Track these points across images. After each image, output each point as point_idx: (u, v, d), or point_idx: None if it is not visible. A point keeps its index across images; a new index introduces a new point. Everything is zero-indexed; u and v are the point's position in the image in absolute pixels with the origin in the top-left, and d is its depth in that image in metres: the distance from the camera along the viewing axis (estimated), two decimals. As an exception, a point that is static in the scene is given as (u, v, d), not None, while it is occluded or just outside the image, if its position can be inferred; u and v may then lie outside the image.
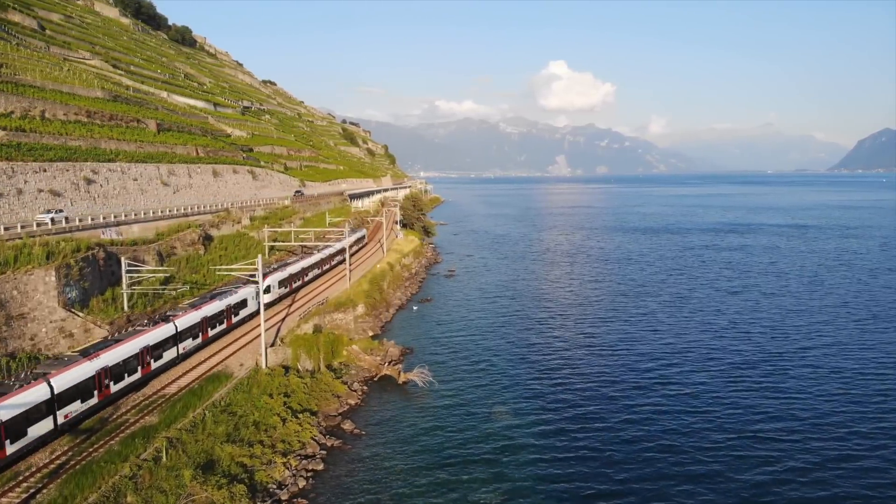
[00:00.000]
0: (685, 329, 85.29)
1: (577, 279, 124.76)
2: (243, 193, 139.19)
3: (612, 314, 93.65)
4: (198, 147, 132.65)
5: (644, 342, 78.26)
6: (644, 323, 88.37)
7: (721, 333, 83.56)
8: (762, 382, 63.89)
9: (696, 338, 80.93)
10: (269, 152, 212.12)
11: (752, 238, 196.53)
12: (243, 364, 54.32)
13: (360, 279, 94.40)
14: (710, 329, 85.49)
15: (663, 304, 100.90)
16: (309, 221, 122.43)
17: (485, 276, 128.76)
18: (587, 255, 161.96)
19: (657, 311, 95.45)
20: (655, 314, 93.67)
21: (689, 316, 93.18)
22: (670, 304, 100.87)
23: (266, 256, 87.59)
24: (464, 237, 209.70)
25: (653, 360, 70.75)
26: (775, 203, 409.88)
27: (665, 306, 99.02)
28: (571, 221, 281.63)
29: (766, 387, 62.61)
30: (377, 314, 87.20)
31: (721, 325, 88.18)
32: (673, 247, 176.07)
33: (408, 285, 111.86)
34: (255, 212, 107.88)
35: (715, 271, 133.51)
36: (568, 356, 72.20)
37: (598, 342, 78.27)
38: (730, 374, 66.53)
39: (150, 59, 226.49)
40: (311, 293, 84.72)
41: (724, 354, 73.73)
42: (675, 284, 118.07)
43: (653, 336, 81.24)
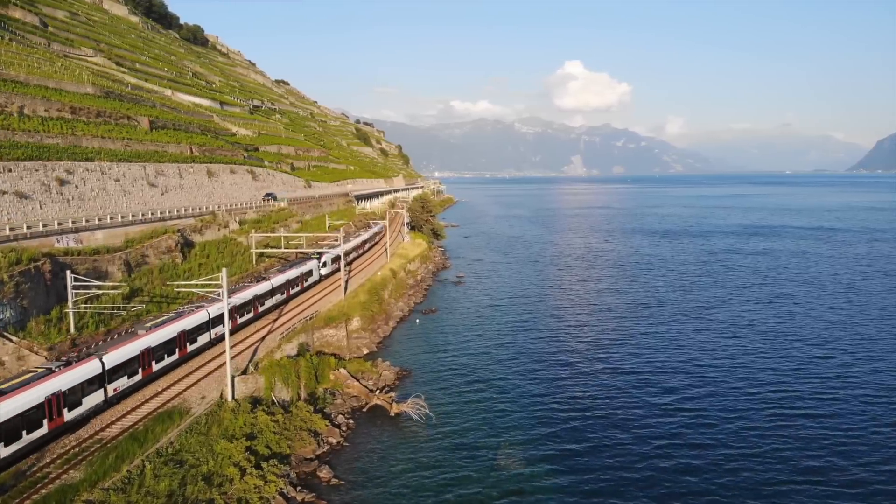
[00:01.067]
0: (713, 346, 76.68)
1: (594, 287, 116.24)
2: (242, 195, 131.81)
3: (634, 329, 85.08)
4: (193, 146, 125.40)
5: (670, 362, 69.74)
6: (669, 338, 79.80)
7: (753, 350, 74.94)
8: (806, 409, 55.37)
9: (726, 355, 72.40)
10: (275, 152, 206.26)
11: (778, 242, 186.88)
12: (205, 396, 46.42)
13: (358, 288, 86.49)
14: (741, 345, 76.85)
15: (688, 317, 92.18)
16: (308, 225, 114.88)
17: (495, 282, 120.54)
18: (604, 259, 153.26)
19: (682, 326, 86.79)
20: (681, 329, 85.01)
21: (717, 330, 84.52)
22: (696, 317, 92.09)
23: (253, 265, 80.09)
24: (475, 240, 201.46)
25: (681, 385, 62.29)
26: (798, 204, 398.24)
27: (690, 319, 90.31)
28: (587, 223, 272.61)
29: (811, 415, 54.14)
30: (375, 328, 79.34)
31: (753, 340, 79.50)
32: (695, 251, 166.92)
33: (412, 293, 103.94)
34: (246, 214, 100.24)
35: (742, 279, 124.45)
36: (586, 380, 63.84)
37: (620, 364, 69.79)
38: (768, 401, 58.06)
39: (157, 56, 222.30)
40: (301, 306, 76.68)
41: (759, 376, 65.25)
42: (700, 294, 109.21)
43: (679, 355, 72.69)
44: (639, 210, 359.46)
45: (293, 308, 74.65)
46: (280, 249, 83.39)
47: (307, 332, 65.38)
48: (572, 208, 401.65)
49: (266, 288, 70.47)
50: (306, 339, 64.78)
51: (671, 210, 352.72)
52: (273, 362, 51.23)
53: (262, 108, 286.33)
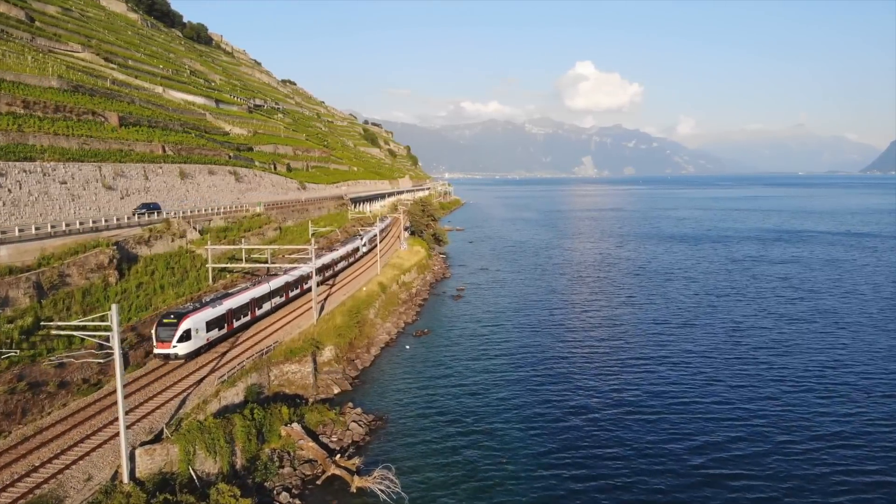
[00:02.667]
0: (747, 375, 64.24)
1: (608, 304, 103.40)
2: (222, 198, 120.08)
3: (658, 362, 72.15)
4: (166, 144, 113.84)
5: (704, 404, 57.22)
6: (700, 372, 67.14)
7: (795, 380, 62.78)
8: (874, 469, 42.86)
9: (764, 388, 59.91)
10: (271, 152, 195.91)
11: (806, 248, 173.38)
12: (92, 477, 34.33)
13: (336, 309, 74.27)
14: (780, 374, 64.42)
15: (718, 341, 79.24)
16: (288, 233, 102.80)
17: (498, 297, 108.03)
18: (618, 269, 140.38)
19: (712, 354, 73.96)
20: (710, 358, 72.18)
21: (751, 355, 72.02)
22: (726, 342, 79.10)
23: (209, 282, 68.14)
24: (480, 245, 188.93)
25: (721, 439, 49.84)
26: (817, 206, 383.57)
27: (720, 346, 77.40)
28: (599, 227, 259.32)
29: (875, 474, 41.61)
30: (353, 358, 67.21)
31: (793, 367, 67.23)
32: (717, 259, 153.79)
33: (403, 311, 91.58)
34: (211, 221, 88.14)
35: (773, 292, 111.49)
36: (604, 436, 51.33)
37: (644, 413, 57.20)
38: (817, 443, 45.63)
39: (153, 54, 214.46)
40: (261, 334, 64.26)
41: (805, 410, 52.94)
42: (728, 312, 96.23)
43: (712, 394, 60.12)
44: (652, 213, 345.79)
45: (249, 338, 62.43)
46: (241, 264, 71.30)
47: (261, 369, 53.23)
48: (583, 210, 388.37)
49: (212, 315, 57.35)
50: (259, 379, 52.62)
51: (686, 213, 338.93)
52: (193, 425, 38.98)
53: (265, 107, 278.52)
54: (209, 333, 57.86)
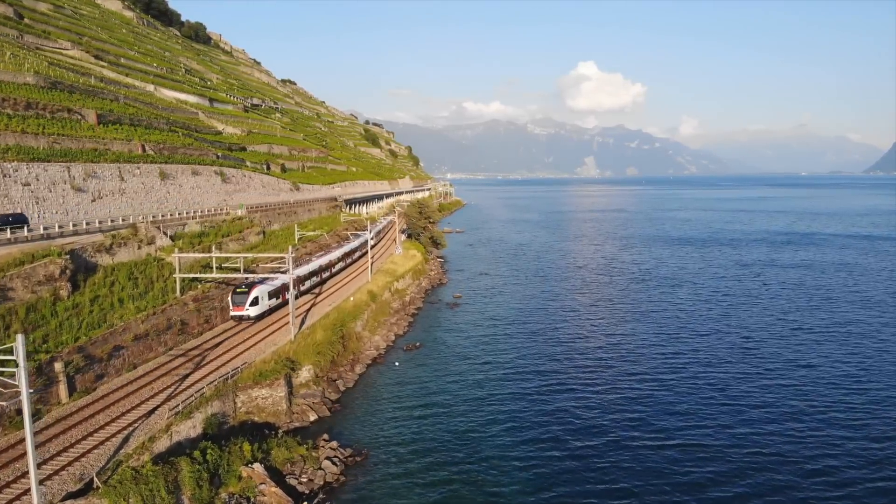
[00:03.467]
0: (766, 393, 58.16)
1: (614, 313, 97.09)
2: (206, 199, 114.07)
3: (665, 375, 66.07)
4: (147, 143, 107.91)
5: (718, 419, 51.07)
6: (711, 384, 61.09)
7: (817, 396, 56.83)
8: None
9: (785, 406, 53.78)
10: (265, 152, 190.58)
11: (817, 252, 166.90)
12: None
13: (318, 322, 68.15)
14: (801, 391, 58.38)
15: (730, 351, 73.11)
16: (273, 237, 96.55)
17: (497, 304, 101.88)
18: (623, 274, 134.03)
19: (724, 365, 67.95)
20: (723, 370, 66.16)
21: (768, 370, 65.96)
22: (740, 351, 73.02)
23: (176, 294, 62.02)
24: (479, 248, 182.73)
25: (733, 451, 43.71)
26: (824, 208, 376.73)
27: (733, 355, 71.33)
28: (601, 229, 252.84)
29: None
30: (335, 378, 61.05)
31: (814, 383, 61.42)
32: (725, 263, 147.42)
33: (395, 321, 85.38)
34: (185, 226, 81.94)
35: (786, 299, 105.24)
36: (613, 472, 45.25)
37: (651, 435, 51.10)
38: (842, 466, 39.54)
39: (148, 52, 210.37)
40: (229, 354, 58.10)
41: (830, 431, 46.71)
42: (740, 320, 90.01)
43: (726, 409, 54.01)
44: (656, 214, 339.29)
45: (216, 358, 56.27)
46: (210, 275, 65.07)
47: (224, 396, 47.16)
48: (585, 211, 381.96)
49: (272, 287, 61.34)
50: (223, 407, 46.55)
51: (691, 214, 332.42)
52: (127, 473, 32.89)
53: (262, 106, 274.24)
54: (270, 301, 72.44)
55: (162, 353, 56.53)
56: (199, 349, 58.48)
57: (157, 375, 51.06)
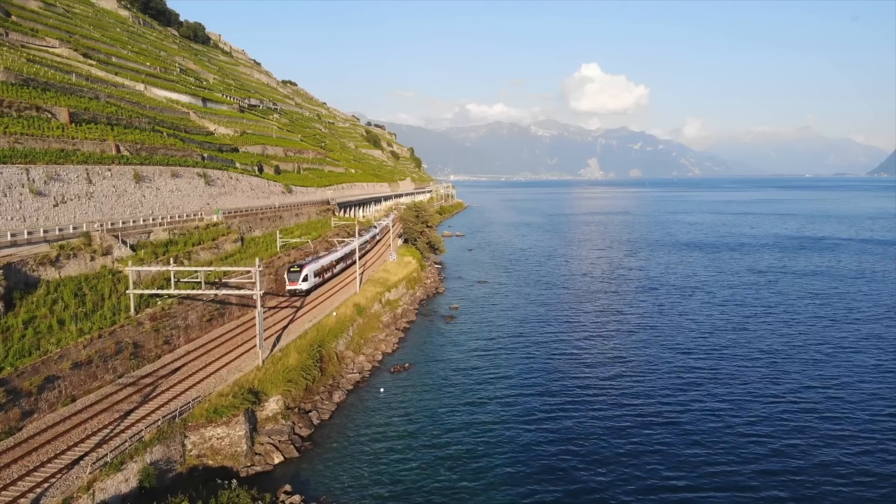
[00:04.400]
0: (794, 421, 50.81)
1: (621, 327, 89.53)
2: (188, 203, 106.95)
3: (680, 399, 58.80)
4: (122, 143, 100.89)
5: (738, 453, 43.78)
6: (731, 411, 53.71)
7: (851, 424, 49.24)
8: None
9: (815, 436, 46.44)
10: (259, 153, 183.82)
11: (832, 258, 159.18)
12: None
13: (293, 343, 60.79)
14: (831, 417, 50.89)
15: (750, 371, 65.67)
16: (254, 244, 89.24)
17: (496, 317, 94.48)
18: (630, 282, 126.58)
19: (744, 386, 60.58)
20: (744, 393, 58.79)
21: (795, 394, 58.51)
22: (761, 371, 65.59)
23: (130, 312, 54.68)
24: (479, 253, 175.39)
25: None
26: (833, 210, 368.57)
27: (753, 376, 63.88)
28: (606, 232, 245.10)
29: None
30: (308, 408, 53.74)
31: (847, 409, 53.91)
32: (737, 270, 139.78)
33: (383, 337, 78.05)
34: (151, 233, 74.63)
35: (805, 310, 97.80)
36: None
37: (670, 468, 43.88)
38: None
39: (142, 51, 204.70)
40: (182, 385, 50.75)
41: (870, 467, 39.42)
42: (758, 334, 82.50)
43: (748, 440, 46.70)
44: (662, 217, 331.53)
45: (170, 388, 48.97)
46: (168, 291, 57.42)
47: (170, 438, 39.99)
48: (589, 214, 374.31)
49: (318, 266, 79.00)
50: (167, 452, 39.37)
51: (698, 217, 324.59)
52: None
53: (260, 107, 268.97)
54: (315, 279, 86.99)
55: (109, 382, 49.34)
56: (153, 376, 51.27)
57: (97, 411, 43.89)
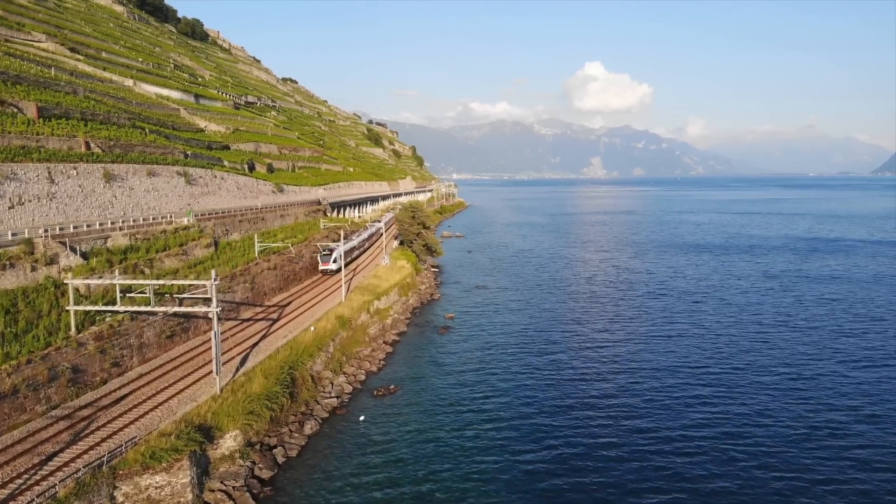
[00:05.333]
0: (823, 447, 43.67)
1: (629, 338, 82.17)
2: (165, 204, 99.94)
3: (699, 425, 51.63)
4: (91, 139, 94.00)
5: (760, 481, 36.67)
6: (752, 435, 46.60)
7: None
8: None
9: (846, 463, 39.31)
10: (252, 150, 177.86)
11: (848, 261, 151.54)
12: None
13: (260, 365, 53.56)
14: (869, 444, 43.82)
15: (773, 390, 58.46)
16: (228, 249, 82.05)
17: (495, 327, 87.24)
18: (638, 287, 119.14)
19: (767, 405, 53.42)
20: (765, 414, 51.62)
21: (824, 415, 51.29)
22: (783, 389, 58.37)
23: (72, 331, 47.63)
24: (479, 255, 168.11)
25: None
26: (841, 210, 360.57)
27: (779, 397, 56.66)
28: (611, 233, 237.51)
29: None
30: (273, 443, 46.58)
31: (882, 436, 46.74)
32: (749, 274, 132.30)
33: (368, 353, 70.80)
34: (108, 239, 67.46)
35: (827, 320, 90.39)
36: None
37: None
38: None
39: (135, 47, 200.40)
40: (129, 414, 43.53)
41: None
42: (778, 346, 75.29)
43: (772, 468, 39.63)
44: (667, 216, 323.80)
45: (109, 422, 41.95)
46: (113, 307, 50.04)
47: (95, 491, 32.92)
48: (593, 213, 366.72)
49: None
50: (86, 512, 32.32)
51: (704, 217, 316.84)
52: None
53: (258, 104, 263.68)
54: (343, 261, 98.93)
55: (41, 415, 42.36)
56: (93, 407, 44.20)
57: (15, 454, 36.85)
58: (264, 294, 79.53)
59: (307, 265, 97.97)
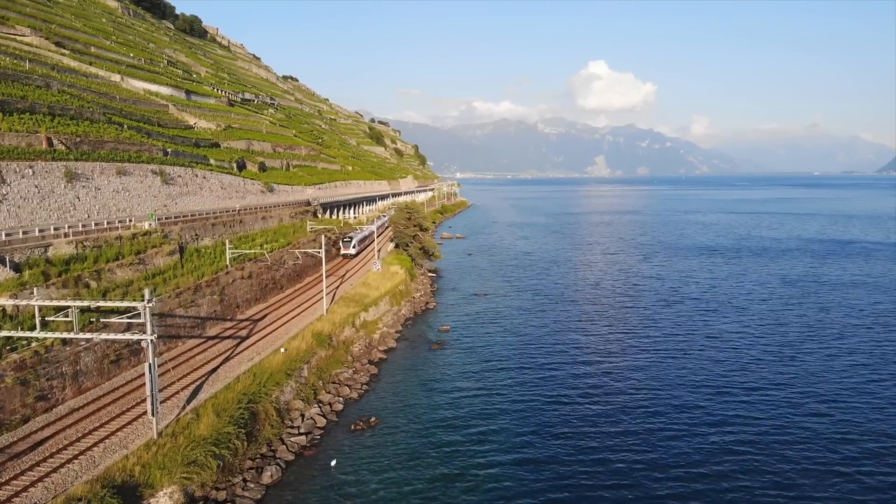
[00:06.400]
0: None
1: (640, 353, 73.89)
2: (138, 205, 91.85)
3: (719, 456, 43.63)
4: (56, 135, 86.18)
5: None
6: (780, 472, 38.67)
7: None
8: None
9: None
10: (244, 148, 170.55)
11: (869, 266, 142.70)
12: None
13: (212, 399, 45.63)
14: None
15: (805, 418, 50.47)
16: (196, 257, 74.01)
17: (494, 342, 78.84)
18: (647, 294, 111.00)
19: (801, 434, 45.44)
20: (796, 447, 43.62)
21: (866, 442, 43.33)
22: (821, 417, 50.26)
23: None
24: (479, 258, 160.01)
25: None
26: (853, 210, 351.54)
27: (810, 423, 48.68)
28: (616, 234, 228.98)
29: None
30: (223, 497, 38.63)
31: None
32: (767, 280, 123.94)
33: (350, 375, 62.59)
34: (50, 247, 59.41)
35: (856, 332, 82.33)
36: None
37: None
38: None
39: (127, 42, 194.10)
40: (43, 466, 35.30)
41: None
42: (807, 368, 67.15)
43: None
44: (674, 216, 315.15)
45: (7, 482, 34.01)
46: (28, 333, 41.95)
47: None
48: (597, 213, 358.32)
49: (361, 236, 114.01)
50: None
51: (713, 217, 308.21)
52: None
53: (255, 101, 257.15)
54: (359, 246, 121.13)
55: (-66, 467, 34.52)
56: (4, 454, 36.39)
57: None
58: (236, 307, 71.53)
59: (290, 272, 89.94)
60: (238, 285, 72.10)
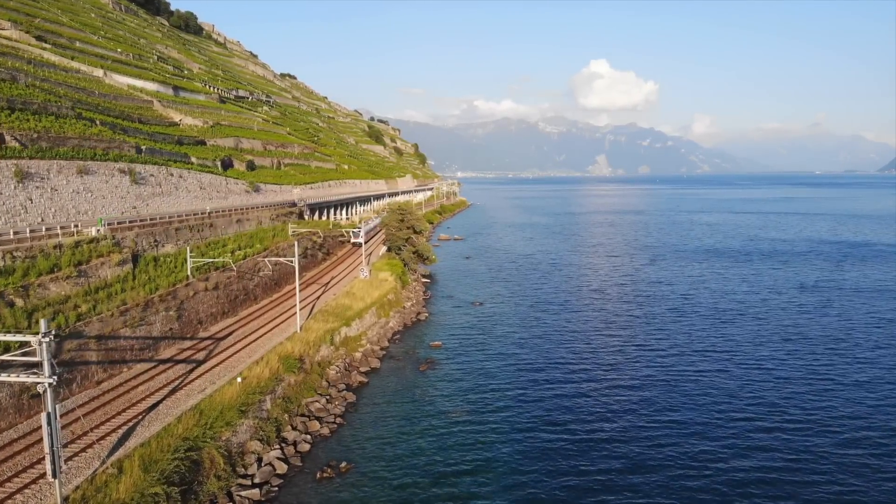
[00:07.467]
0: None
1: (649, 374, 66.21)
2: (102, 206, 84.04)
3: None
4: (10, 131, 78.46)
5: None
6: None
7: None
8: None
9: None
10: (231, 146, 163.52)
11: (884, 270, 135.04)
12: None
13: (140, 448, 37.62)
14: None
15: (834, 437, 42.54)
16: (151, 266, 65.76)
17: (489, 360, 70.66)
18: (654, 301, 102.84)
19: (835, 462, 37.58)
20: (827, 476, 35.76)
21: None
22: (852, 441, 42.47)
23: None
24: (477, 262, 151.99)
25: None
26: (861, 210, 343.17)
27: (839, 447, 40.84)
28: (619, 235, 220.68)
29: None
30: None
31: None
32: (782, 286, 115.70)
33: (322, 406, 54.03)
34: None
35: (886, 344, 74.79)
36: None
37: None
38: None
39: (116, 37, 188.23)
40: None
41: None
42: (833, 386, 59.29)
43: None
44: (679, 217, 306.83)
45: None
46: None
47: None
48: (599, 213, 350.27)
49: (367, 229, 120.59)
50: None
51: (718, 217, 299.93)
52: None
53: (250, 98, 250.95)
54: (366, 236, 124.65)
55: None
56: None
57: None
58: (198, 323, 63.47)
59: (266, 281, 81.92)
60: (200, 298, 64.06)
